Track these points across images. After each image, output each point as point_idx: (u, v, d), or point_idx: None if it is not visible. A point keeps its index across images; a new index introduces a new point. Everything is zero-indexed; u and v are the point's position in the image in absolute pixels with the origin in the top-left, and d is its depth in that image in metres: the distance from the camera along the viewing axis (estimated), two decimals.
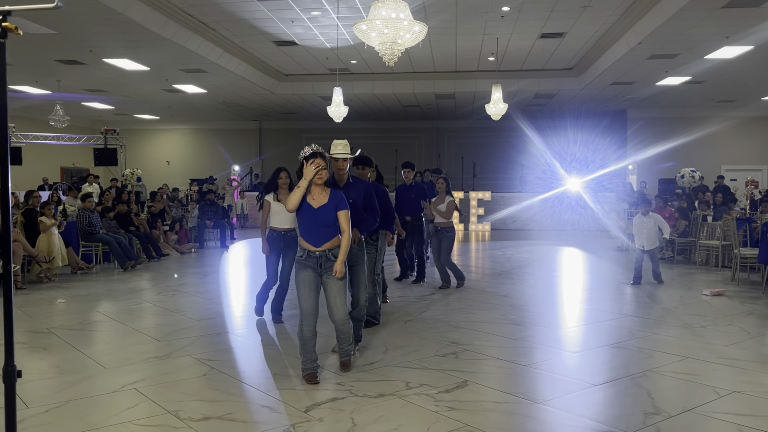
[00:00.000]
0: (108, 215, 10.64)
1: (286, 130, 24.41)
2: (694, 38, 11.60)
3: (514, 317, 6.43)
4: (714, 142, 20.70)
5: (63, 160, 22.88)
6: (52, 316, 6.61)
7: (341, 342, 4.55)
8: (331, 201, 4.27)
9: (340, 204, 4.28)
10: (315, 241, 4.28)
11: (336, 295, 4.32)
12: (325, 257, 4.29)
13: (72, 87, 16.39)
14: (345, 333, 4.49)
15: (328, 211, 4.26)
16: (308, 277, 4.29)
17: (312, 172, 4.20)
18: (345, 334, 4.50)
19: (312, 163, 4.21)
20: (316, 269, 4.30)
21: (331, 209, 4.26)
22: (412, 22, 7.75)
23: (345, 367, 4.55)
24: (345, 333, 4.49)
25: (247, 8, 11.10)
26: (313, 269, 4.30)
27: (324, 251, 4.28)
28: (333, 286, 4.31)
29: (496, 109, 13.86)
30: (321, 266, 4.30)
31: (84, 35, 11.50)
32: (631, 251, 12.13)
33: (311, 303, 4.29)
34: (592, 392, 4.17)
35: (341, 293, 4.33)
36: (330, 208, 4.26)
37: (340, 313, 4.37)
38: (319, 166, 4.20)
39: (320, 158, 4.23)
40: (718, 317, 6.42)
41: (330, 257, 4.29)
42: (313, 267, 4.30)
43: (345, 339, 4.53)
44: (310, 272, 4.30)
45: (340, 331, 4.49)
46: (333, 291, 4.32)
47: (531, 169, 20.50)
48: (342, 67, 15.45)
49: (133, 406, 3.84)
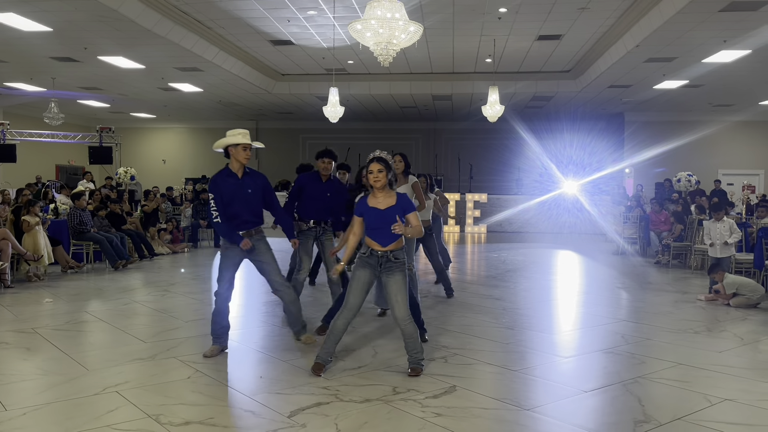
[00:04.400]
0: (99, 214, 10.55)
1: (284, 130, 24.34)
2: (691, 42, 11.56)
3: (506, 321, 6.37)
4: (711, 147, 20.68)
5: (58, 157, 22.77)
6: (39, 315, 6.52)
7: (408, 348, 4.53)
8: (398, 203, 4.44)
9: (407, 207, 4.45)
10: (382, 240, 4.44)
11: (396, 293, 4.43)
12: (386, 257, 4.44)
13: (67, 84, 16.30)
14: (409, 336, 4.49)
15: (395, 213, 4.40)
16: (365, 276, 4.46)
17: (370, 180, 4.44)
18: (410, 337, 4.49)
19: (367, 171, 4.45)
20: (375, 268, 4.47)
21: (397, 211, 4.41)
22: (407, 23, 7.68)
23: (414, 373, 4.48)
24: (409, 336, 4.49)
25: (242, 7, 11.04)
26: (372, 268, 4.47)
27: (387, 252, 4.44)
28: (393, 285, 4.43)
29: (492, 111, 13.81)
30: (381, 266, 4.46)
31: (78, 33, 11.42)
32: (628, 255, 12.12)
33: (358, 301, 4.48)
34: (582, 399, 4.10)
35: (401, 291, 4.42)
36: (397, 209, 4.41)
37: (402, 311, 4.43)
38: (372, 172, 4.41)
39: (376, 162, 4.43)
40: (712, 323, 6.36)
41: (391, 258, 4.44)
42: (373, 266, 4.46)
43: (411, 344, 4.51)
44: (368, 272, 4.47)
45: (404, 333, 4.50)
46: (393, 290, 4.43)
47: (527, 172, 20.47)
48: (338, 67, 15.39)
49: (113, 410, 3.76)
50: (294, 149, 24.29)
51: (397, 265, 4.45)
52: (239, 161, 5.03)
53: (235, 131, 5.07)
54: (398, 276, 4.43)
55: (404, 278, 4.45)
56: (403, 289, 4.43)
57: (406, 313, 4.44)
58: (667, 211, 11.75)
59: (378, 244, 4.45)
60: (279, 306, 6.95)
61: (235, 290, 5.27)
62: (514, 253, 12.86)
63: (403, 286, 4.44)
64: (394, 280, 4.43)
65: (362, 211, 4.49)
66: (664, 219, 11.59)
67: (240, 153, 5.02)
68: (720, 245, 7.73)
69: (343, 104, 14.19)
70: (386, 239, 4.43)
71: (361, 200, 4.62)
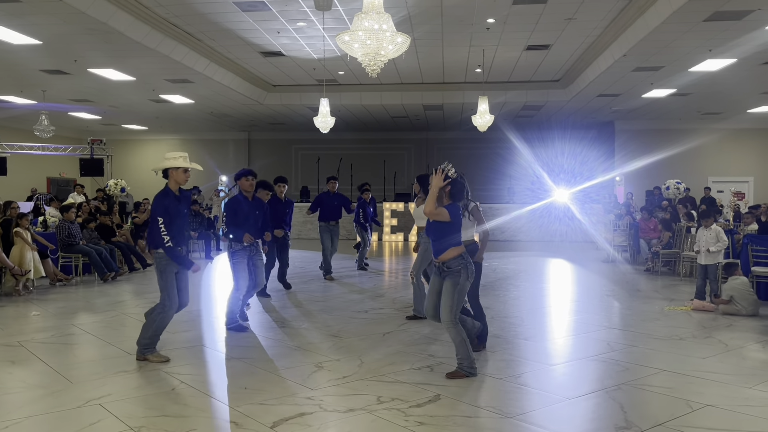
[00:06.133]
0: (89, 226, 10.53)
1: (275, 141, 24.37)
2: (677, 51, 11.67)
3: (494, 329, 6.36)
4: (700, 154, 20.82)
5: (49, 170, 22.71)
6: (25, 329, 6.50)
7: (455, 352, 4.74)
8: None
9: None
10: (435, 252, 4.75)
11: (443, 298, 4.67)
12: (441, 268, 4.72)
13: (57, 97, 16.30)
14: (453, 340, 4.70)
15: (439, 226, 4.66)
16: (435, 283, 4.80)
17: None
18: (453, 341, 4.70)
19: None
20: (439, 276, 4.75)
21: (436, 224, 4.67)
22: (394, 34, 7.73)
23: (451, 375, 4.66)
24: (453, 340, 4.70)
25: (232, 19, 11.09)
26: (438, 276, 4.77)
27: (440, 263, 4.70)
28: (444, 290, 4.70)
29: (482, 120, 13.89)
30: (441, 274, 4.72)
31: (68, 45, 11.44)
32: (618, 263, 12.16)
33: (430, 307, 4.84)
34: (565, 406, 4.12)
35: (447, 297, 4.63)
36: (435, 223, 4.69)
37: (444, 315, 4.66)
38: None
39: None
40: (698, 330, 6.39)
41: (444, 269, 4.68)
42: (438, 274, 4.77)
43: (456, 347, 4.70)
44: (437, 279, 4.78)
45: (449, 336, 4.77)
46: (444, 295, 4.69)
47: (519, 180, 20.53)
48: (329, 77, 15.46)
49: (95, 422, 3.75)
50: (286, 160, 24.31)
51: (449, 273, 4.65)
52: (179, 182, 5.18)
53: (175, 154, 5.22)
54: (448, 283, 4.66)
55: (453, 286, 4.64)
56: (449, 295, 4.63)
57: (449, 317, 4.64)
58: (656, 219, 11.81)
59: (434, 256, 4.80)
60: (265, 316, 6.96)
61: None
62: (505, 261, 12.89)
63: (450, 292, 4.63)
64: (445, 286, 4.68)
65: None
66: (654, 227, 11.65)
67: (181, 175, 5.17)
68: (704, 253, 7.79)
69: (335, 115, 14.24)
70: (436, 251, 4.73)
71: None
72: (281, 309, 7.47)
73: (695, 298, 7.67)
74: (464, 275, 4.64)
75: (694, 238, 10.31)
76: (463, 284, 4.64)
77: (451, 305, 4.63)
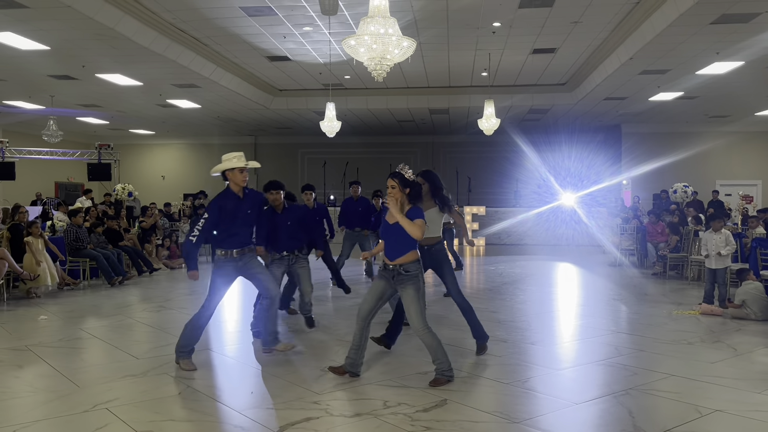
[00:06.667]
0: (97, 230, 10.57)
1: (282, 145, 24.43)
2: (684, 54, 11.63)
3: (500, 334, 6.36)
4: (708, 158, 20.73)
5: (58, 174, 22.84)
6: (33, 333, 6.53)
7: (432, 359, 4.63)
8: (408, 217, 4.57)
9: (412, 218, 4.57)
10: (390, 254, 4.60)
11: (408, 306, 4.56)
12: (396, 271, 4.56)
13: (65, 102, 16.40)
14: (428, 346, 4.60)
15: (399, 228, 4.51)
16: (380, 285, 4.67)
17: None
18: (429, 347, 4.60)
19: None
20: (390, 281, 4.63)
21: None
22: (400, 38, 7.74)
23: (434, 383, 4.56)
24: (428, 346, 4.60)
25: (238, 24, 11.13)
26: (387, 281, 4.64)
27: (396, 265, 4.56)
28: (405, 298, 4.58)
29: (488, 124, 13.87)
30: (394, 279, 4.58)
31: (76, 51, 11.51)
32: (625, 266, 12.10)
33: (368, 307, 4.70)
34: (572, 411, 4.09)
35: (413, 304, 4.53)
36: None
37: (416, 322, 4.55)
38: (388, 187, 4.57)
39: (390, 179, 4.58)
40: (706, 334, 6.35)
41: (401, 271, 4.55)
42: (387, 279, 4.64)
43: (432, 353, 4.61)
44: (383, 282, 4.66)
45: (424, 344, 4.63)
46: (406, 303, 4.58)
47: (526, 184, 20.49)
48: (335, 82, 15.48)
49: (102, 427, 3.76)
50: (292, 164, 24.37)
51: (408, 277, 4.53)
52: (238, 183, 5.09)
53: (230, 155, 5.14)
54: (410, 290, 4.53)
55: (416, 291, 4.54)
56: (414, 301, 4.52)
57: (420, 324, 4.53)
58: (664, 222, 11.75)
59: (387, 258, 4.61)
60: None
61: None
62: (512, 265, 12.86)
63: (414, 298, 4.53)
64: (406, 293, 4.55)
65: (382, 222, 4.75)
66: (661, 230, 11.59)
67: (237, 175, 5.09)
68: (714, 256, 7.74)
69: (341, 119, 14.26)
70: (393, 253, 4.58)
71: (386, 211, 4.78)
72: (288, 314, 7.46)
73: (703, 302, 7.62)
74: (421, 278, 4.62)
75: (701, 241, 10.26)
76: (422, 288, 4.61)
77: (419, 310, 4.54)
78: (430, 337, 4.57)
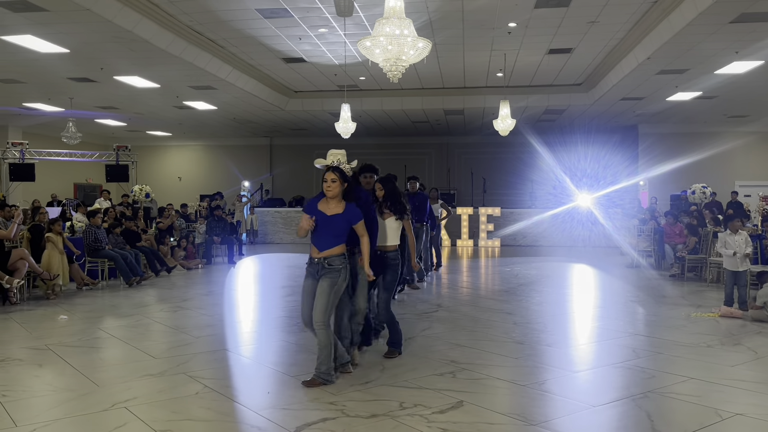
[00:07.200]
0: (115, 231, 10.68)
1: (297, 146, 24.52)
2: (703, 53, 11.51)
3: (516, 336, 6.33)
4: (727, 158, 20.48)
5: (76, 176, 23.13)
6: (53, 332, 6.60)
7: (317, 357, 4.56)
8: (346, 212, 4.56)
9: (353, 218, 4.58)
10: (321, 245, 4.56)
11: (318, 296, 4.52)
12: (322, 265, 4.55)
13: (84, 104, 16.61)
14: (319, 343, 4.54)
15: (338, 221, 4.53)
16: (309, 286, 4.60)
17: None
18: (319, 344, 4.55)
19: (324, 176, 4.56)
20: (315, 276, 4.58)
21: (343, 220, 4.55)
22: (415, 39, 7.74)
23: (308, 384, 4.51)
24: (319, 343, 4.54)
25: (254, 26, 11.20)
26: (313, 277, 4.59)
27: (321, 258, 4.54)
28: (318, 288, 4.55)
29: (503, 124, 13.82)
30: (318, 272, 4.57)
31: (95, 53, 11.66)
32: (642, 268, 11.99)
33: (306, 310, 4.59)
34: (591, 414, 4.06)
35: (323, 296, 4.50)
36: (342, 218, 4.54)
37: (318, 314, 4.51)
38: (327, 180, 4.53)
39: (331, 172, 4.55)
40: (726, 337, 6.27)
41: (326, 265, 4.54)
42: (313, 274, 4.59)
43: (319, 351, 4.54)
44: (310, 281, 4.60)
45: (317, 338, 4.57)
46: (318, 293, 4.54)
47: (541, 185, 20.38)
48: (350, 83, 15.52)
49: (121, 426, 3.80)
50: (307, 165, 24.42)
51: (329, 270, 4.53)
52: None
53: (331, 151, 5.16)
54: (324, 282, 4.52)
55: (331, 285, 4.52)
56: (325, 294, 4.49)
57: (322, 318, 4.49)
58: (682, 224, 11.62)
59: (316, 249, 4.58)
60: (289, 320, 6.97)
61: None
62: (528, 266, 12.79)
63: (326, 291, 4.49)
64: (321, 284, 4.53)
65: (310, 211, 4.59)
66: (679, 231, 11.46)
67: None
68: (741, 257, 7.62)
69: (356, 120, 14.29)
70: (325, 244, 4.55)
71: (312, 200, 4.68)
72: None
73: (724, 305, 7.52)
74: (343, 275, 4.58)
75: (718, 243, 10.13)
76: (340, 285, 4.57)
77: (326, 305, 4.49)
78: (325, 335, 4.51)
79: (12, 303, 7.97)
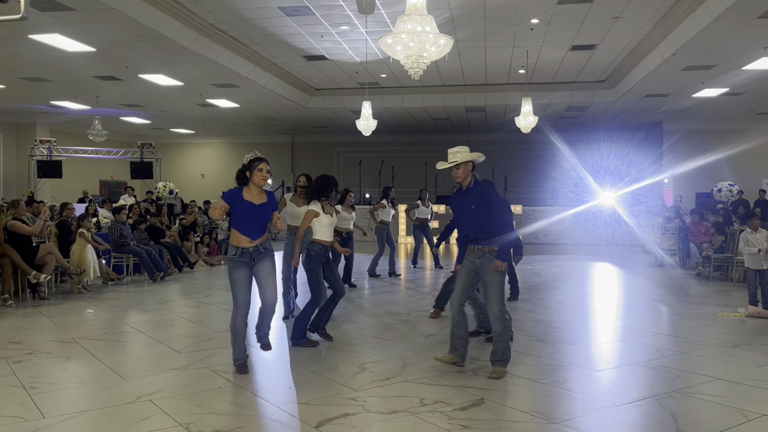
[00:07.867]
0: (140, 227, 10.84)
1: (318, 144, 24.62)
2: (730, 49, 11.31)
3: (538, 334, 6.29)
4: (755, 155, 20.07)
5: (102, 173, 23.49)
6: (80, 326, 6.73)
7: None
8: (270, 200, 4.83)
9: (275, 205, 4.88)
10: (254, 234, 4.74)
11: (268, 277, 4.79)
12: (257, 251, 4.76)
13: (110, 102, 16.85)
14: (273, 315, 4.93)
15: (266, 209, 4.79)
16: (244, 275, 4.74)
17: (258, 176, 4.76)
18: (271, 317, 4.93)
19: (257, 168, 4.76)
20: (249, 263, 4.75)
21: (268, 207, 4.80)
22: (437, 36, 7.72)
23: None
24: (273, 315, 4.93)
25: (276, 23, 11.26)
26: (246, 265, 4.74)
27: (257, 246, 4.75)
28: (264, 270, 4.78)
29: (526, 122, 13.73)
30: (254, 259, 4.76)
31: (120, 52, 11.82)
32: (667, 267, 11.83)
33: (247, 298, 4.76)
34: (614, 413, 4.03)
35: (272, 276, 4.81)
36: (268, 206, 4.80)
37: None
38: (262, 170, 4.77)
39: (264, 163, 4.82)
40: (753, 337, 6.17)
41: (261, 250, 4.77)
42: (247, 263, 4.74)
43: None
44: (245, 270, 4.74)
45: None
46: (265, 275, 4.78)
47: (563, 183, 20.19)
48: (371, 80, 15.53)
49: (146, 418, 3.86)
50: (328, 162, 24.53)
51: (266, 254, 4.81)
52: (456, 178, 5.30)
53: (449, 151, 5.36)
54: (267, 265, 4.78)
55: (273, 264, 4.83)
56: (273, 273, 4.81)
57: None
58: (708, 222, 11.45)
59: (248, 239, 4.71)
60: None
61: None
62: (549, 265, 12.70)
63: (273, 271, 4.81)
64: (264, 269, 4.77)
65: (233, 202, 4.71)
66: (704, 230, 11.30)
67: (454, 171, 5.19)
68: (764, 254, 7.49)
69: (377, 117, 14.30)
70: (256, 232, 4.74)
71: (235, 191, 4.79)
72: None
73: (749, 304, 7.40)
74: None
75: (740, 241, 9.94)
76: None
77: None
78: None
79: (41, 298, 8.14)
